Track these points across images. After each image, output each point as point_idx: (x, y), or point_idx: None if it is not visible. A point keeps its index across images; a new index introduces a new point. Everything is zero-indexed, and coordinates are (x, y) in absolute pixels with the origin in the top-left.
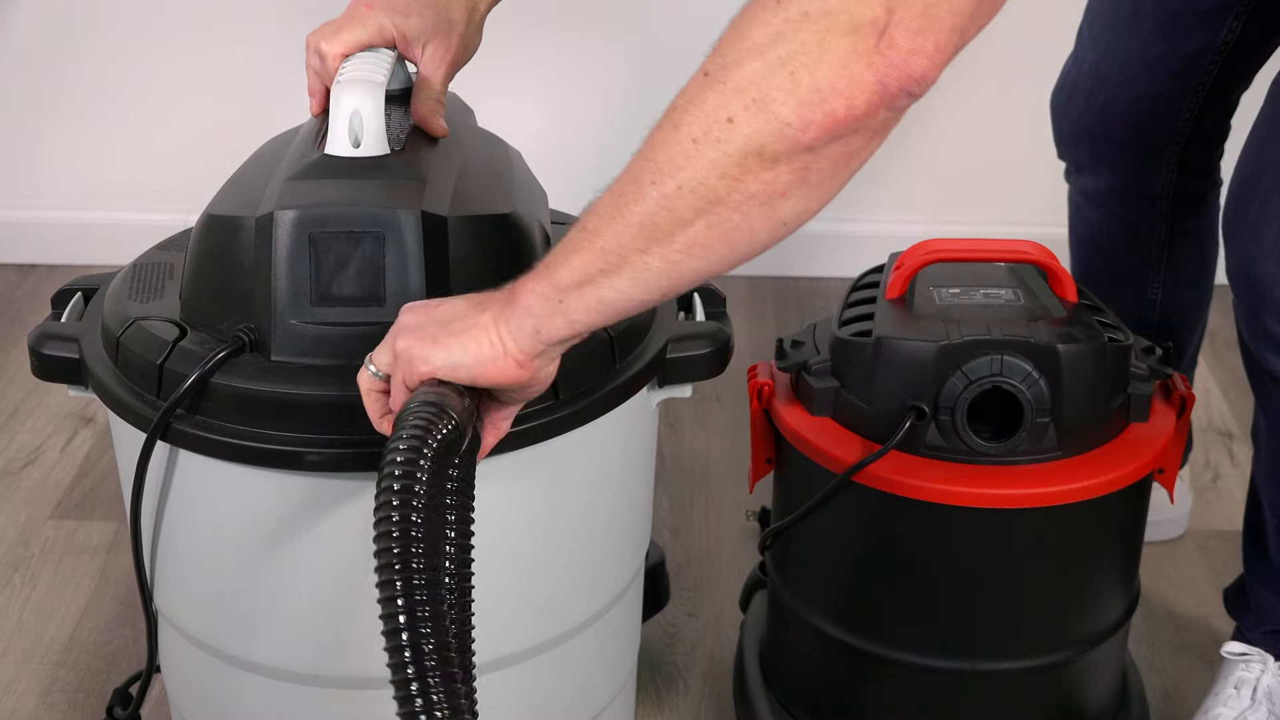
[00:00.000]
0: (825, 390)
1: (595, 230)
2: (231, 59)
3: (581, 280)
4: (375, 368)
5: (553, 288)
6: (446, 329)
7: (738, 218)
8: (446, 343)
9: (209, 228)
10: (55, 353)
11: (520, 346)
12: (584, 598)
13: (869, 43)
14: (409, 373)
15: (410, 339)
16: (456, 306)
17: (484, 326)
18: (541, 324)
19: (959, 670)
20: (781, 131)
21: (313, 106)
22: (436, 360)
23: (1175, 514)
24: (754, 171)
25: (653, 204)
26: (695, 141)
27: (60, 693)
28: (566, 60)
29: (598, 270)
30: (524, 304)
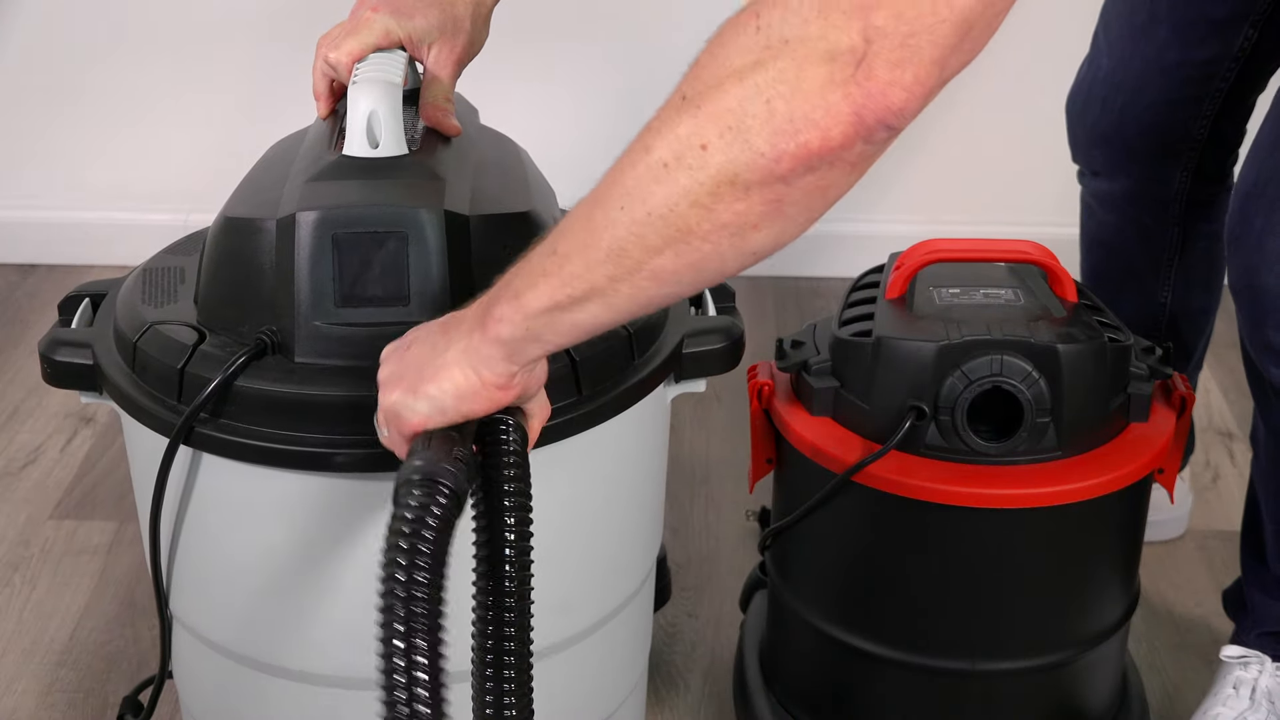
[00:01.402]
0: (825, 390)
1: (565, 255)
2: (231, 60)
3: (551, 306)
4: (382, 428)
5: (521, 315)
6: (420, 375)
7: (708, 247)
8: (425, 390)
9: (227, 230)
10: (68, 359)
11: (495, 373)
12: (601, 596)
13: (846, 72)
14: (401, 427)
15: (392, 392)
16: (422, 346)
17: (455, 362)
18: (513, 350)
19: (959, 670)
20: (755, 161)
21: (319, 110)
22: (422, 409)
23: (1175, 514)
24: (726, 201)
25: (622, 230)
26: (667, 166)
27: (60, 693)
28: (565, 59)
29: (566, 297)
30: (492, 333)
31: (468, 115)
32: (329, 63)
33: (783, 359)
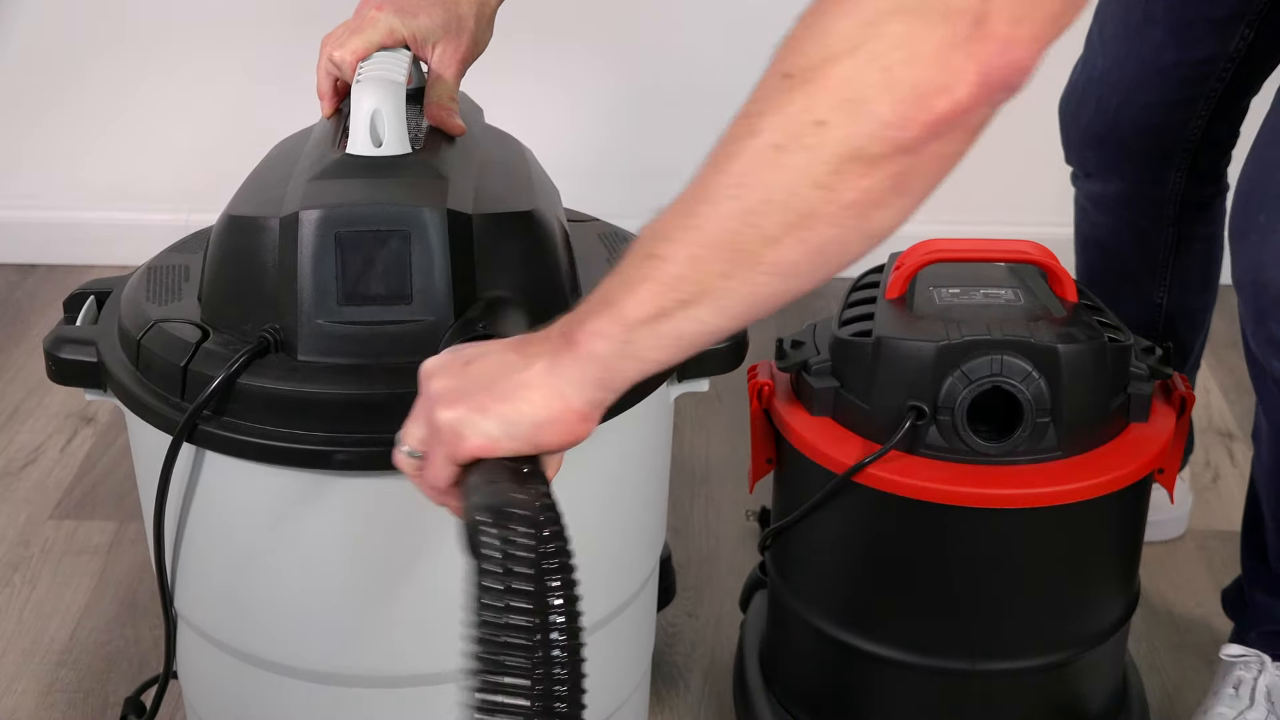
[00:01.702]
0: (825, 390)
1: (665, 256)
2: (232, 60)
3: (655, 314)
4: (410, 447)
5: (620, 326)
6: (491, 391)
7: (832, 232)
8: (497, 409)
9: (230, 229)
10: (72, 356)
11: (584, 399)
12: (605, 594)
13: (965, 31)
14: (456, 449)
15: (452, 408)
16: (493, 361)
17: (536, 383)
18: (608, 369)
19: (959, 670)
20: (880, 133)
21: (324, 109)
22: (490, 431)
23: (1175, 514)
24: (850, 178)
25: (735, 222)
26: (780, 149)
27: (60, 693)
28: (569, 59)
29: (673, 301)
30: (585, 349)
31: (472, 114)
32: (333, 61)
33: (783, 359)
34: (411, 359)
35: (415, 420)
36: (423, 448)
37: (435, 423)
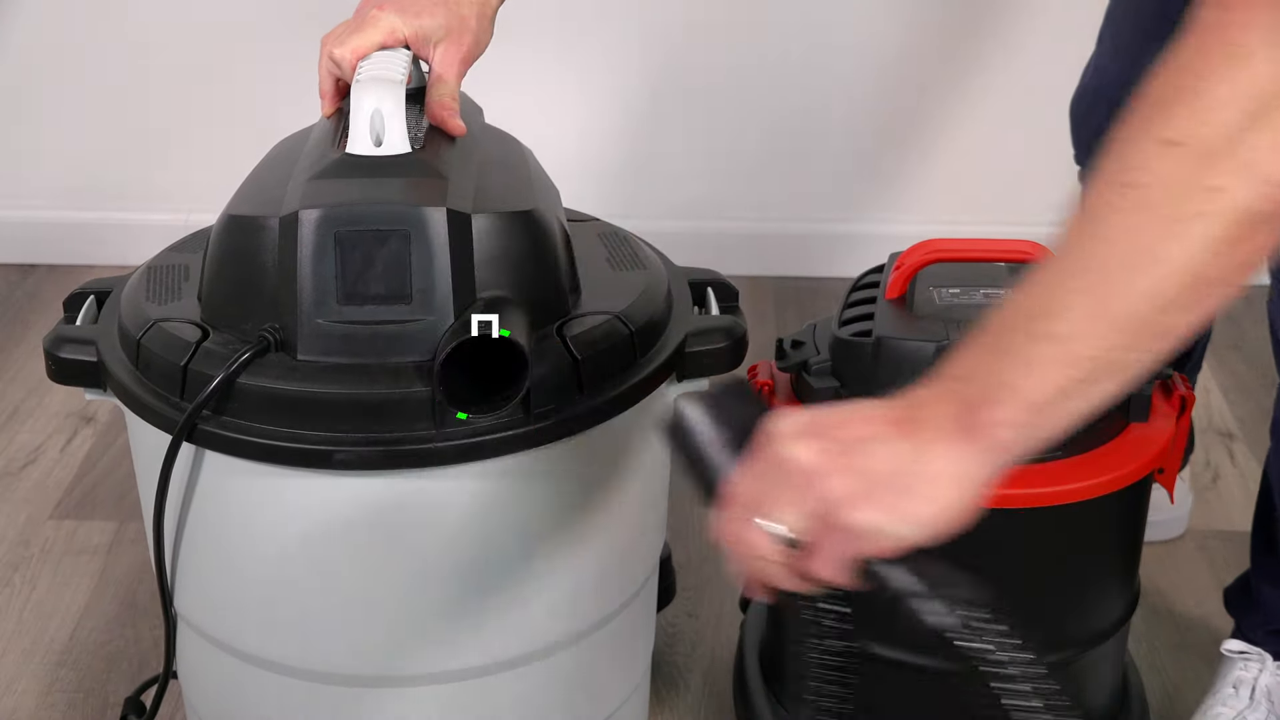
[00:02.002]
0: (825, 390)
1: (1064, 336)
2: (232, 59)
3: (1058, 395)
4: (783, 529)
5: (1026, 413)
6: (892, 489)
7: (1222, 292)
8: (906, 510)
9: (230, 228)
10: (72, 356)
11: (984, 483)
12: (605, 594)
13: None
14: (863, 549)
15: (862, 511)
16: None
17: (941, 478)
18: (1009, 453)
19: (962, 669)
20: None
21: (324, 108)
22: (903, 534)
23: (1175, 514)
24: (1246, 241)
25: (1135, 298)
26: (1175, 219)
27: (60, 693)
28: (570, 59)
29: (1076, 381)
30: (989, 439)
31: (472, 114)
32: (333, 59)
33: (783, 359)
34: (411, 359)
35: (794, 507)
36: (808, 538)
37: (844, 524)
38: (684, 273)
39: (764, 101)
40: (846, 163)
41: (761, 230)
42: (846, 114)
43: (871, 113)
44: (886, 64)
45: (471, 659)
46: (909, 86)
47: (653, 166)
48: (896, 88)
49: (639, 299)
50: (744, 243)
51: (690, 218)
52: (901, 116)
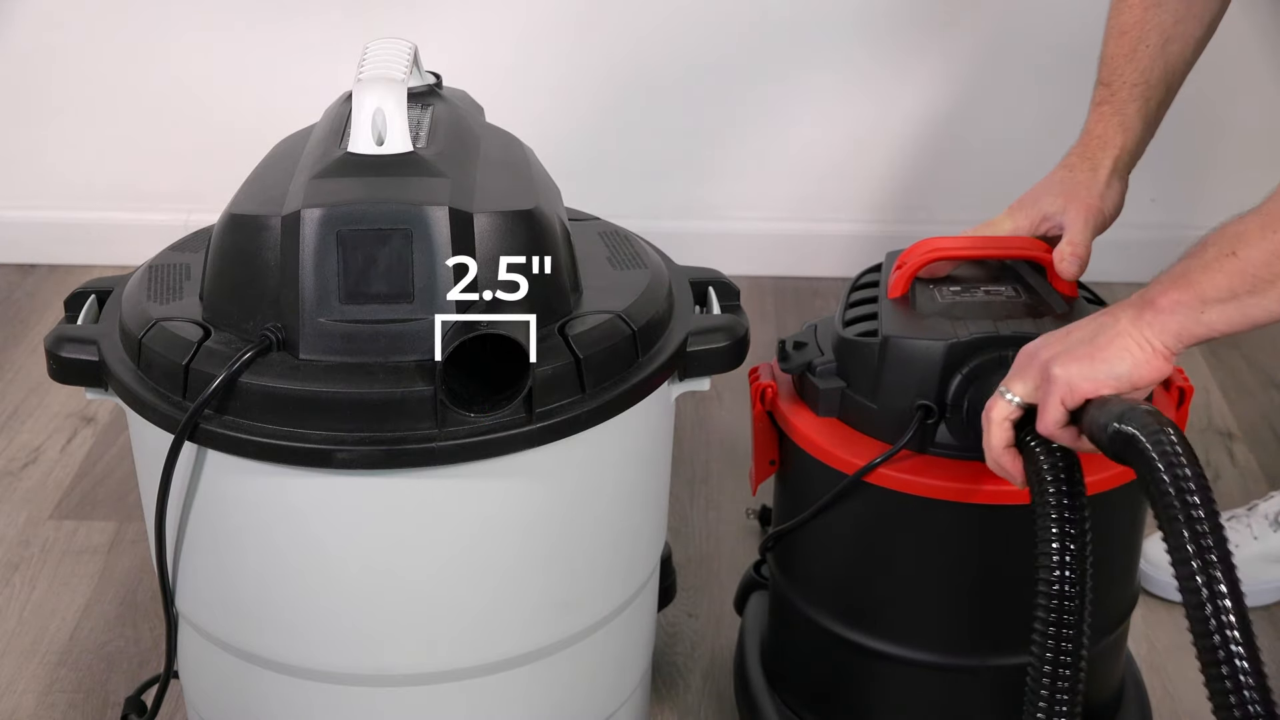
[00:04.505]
0: (831, 391)
1: (1243, 256)
2: (232, 59)
3: (1227, 297)
4: (1015, 396)
5: (1196, 299)
6: (1093, 345)
7: None
8: (1103, 357)
9: (231, 227)
10: (74, 355)
11: (1166, 344)
12: (604, 593)
13: None
14: (1071, 393)
15: (1065, 363)
16: (1086, 329)
17: (1127, 333)
18: (1183, 328)
19: (968, 667)
20: None
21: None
22: (1100, 374)
23: None
24: None
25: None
26: None
27: (60, 693)
28: (571, 58)
29: (1244, 290)
30: (1165, 310)
31: (473, 113)
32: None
33: (785, 360)
34: (413, 358)
35: (1023, 378)
36: (1032, 398)
37: (1051, 376)
38: (685, 272)
39: (764, 101)
40: (847, 163)
41: (761, 230)
42: (846, 114)
43: (871, 113)
44: (886, 64)
45: (470, 659)
46: (909, 86)
47: (652, 166)
48: (896, 87)
49: (640, 298)
50: (744, 243)
51: (690, 218)
52: (901, 116)
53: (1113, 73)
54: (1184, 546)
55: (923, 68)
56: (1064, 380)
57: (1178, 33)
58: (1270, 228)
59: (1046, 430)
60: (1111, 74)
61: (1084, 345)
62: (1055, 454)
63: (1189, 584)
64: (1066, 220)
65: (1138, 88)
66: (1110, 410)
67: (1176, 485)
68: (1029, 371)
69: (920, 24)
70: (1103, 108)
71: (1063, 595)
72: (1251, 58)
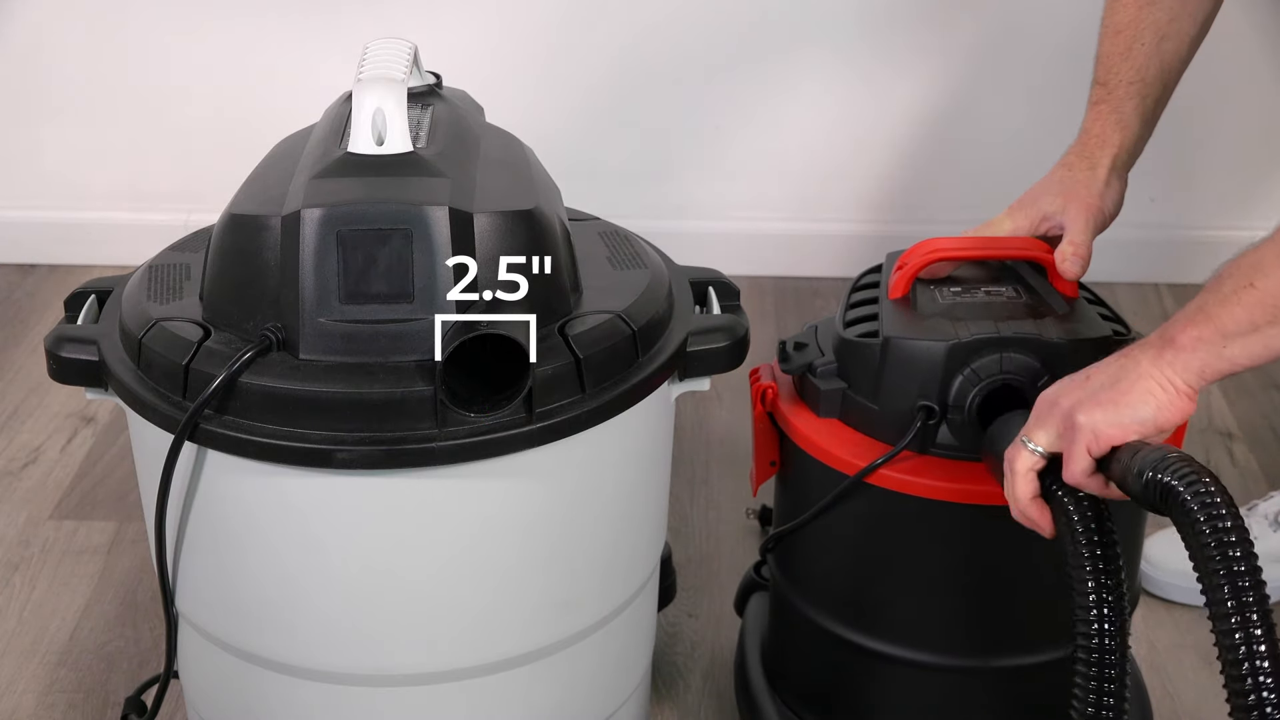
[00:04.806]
0: (833, 392)
1: (1262, 288)
2: (232, 59)
3: (1248, 329)
4: (1038, 446)
5: (1216, 334)
6: (1116, 390)
7: None
8: (1126, 401)
9: (232, 227)
10: (74, 355)
11: (1189, 383)
12: (604, 593)
13: None
14: (1096, 441)
15: (1089, 410)
16: (1108, 369)
17: (1149, 375)
18: (1206, 364)
19: (969, 668)
20: None
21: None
22: (1125, 419)
23: None
24: None
25: None
26: None
27: (60, 693)
28: (572, 58)
29: (1265, 321)
30: (1185, 348)
31: (473, 113)
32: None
33: (786, 361)
34: (413, 358)
35: (1045, 427)
36: (1056, 447)
37: (1076, 424)
38: (685, 272)
39: (764, 101)
40: (846, 163)
41: (761, 230)
42: (846, 113)
43: (871, 113)
44: (886, 64)
45: (471, 659)
46: (909, 86)
47: (653, 167)
48: (897, 87)
49: (640, 298)
50: (744, 243)
51: (690, 218)
52: (902, 116)
53: (1109, 71)
54: (1225, 602)
55: (923, 67)
56: (1089, 428)
57: (1172, 30)
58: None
59: (1074, 480)
60: (1108, 73)
61: (1106, 390)
62: (1084, 504)
63: (1228, 640)
64: (1067, 220)
65: (1134, 86)
66: (1144, 459)
67: (1218, 539)
68: (1051, 420)
69: (921, 24)
70: (1100, 107)
71: (1103, 650)
72: (1251, 57)
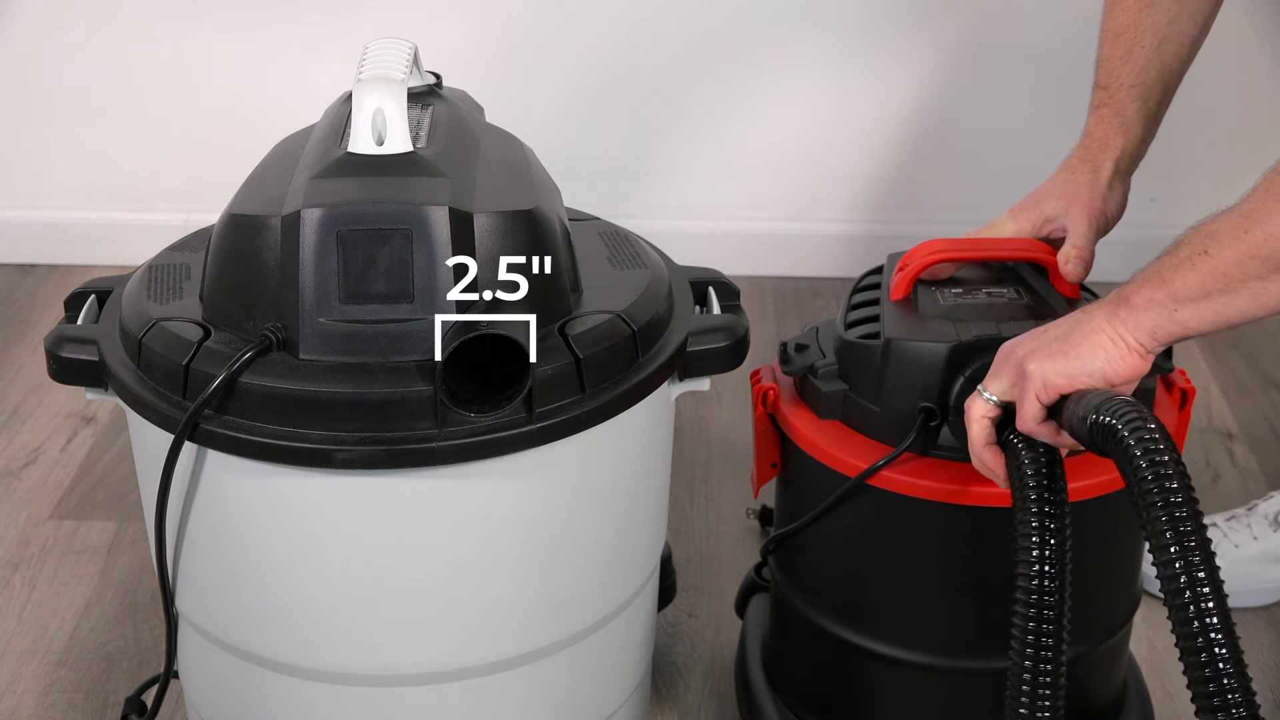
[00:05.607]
0: (834, 393)
1: (1216, 256)
2: (232, 59)
3: (1199, 295)
4: (992, 395)
5: (1169, 297)
6: (1067, 341)
7: None
8: (1076, 353)
9: (232, 227)
10: (74, 355)
11: (1140, 341)
12: (604, 593)
13: None
14: (1045, 389)
15: (1039, 360)
16: (1061, 326)
17: (1101, 330)
18: (1157, 325)
19: (970, 669)
20: None
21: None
22: (1073, 369)
23: None
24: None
25: (1275, 240)
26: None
27: (60, 693)
28: (571, 58)
29: (1216, 289)
30: (1139, 307)
31: (473, 113)
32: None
33: (787, 363)
34: (413, 358)
35: (999, 377)
36: (1009, 396)
37: (1026, 372)
38: (685, 272)
39: (765, 101)
40: (847, 163)
41: (761, 230)
42: (847, 113)
43: (871, 113)
44: (887, 64)
45: (471, 659)
46: (910, 86)
47: (653, 166)
48: (897, 88)
49: (640, 298)
50: (744, 243)
51: (690, 218)
52: (902, 116)
53: (1110, 75)
54: (1163, 533)
55: (924, 67)
56: (1038, 376)
57: (1172, 32)
58: (1242, 228)
59: (1025, 426)
60: (1109, 76)
61: (1058, 342)
62: (1037, 450)
63: (1168, 571)
64: (1069, 223)
65: (1135, 89)
66: (1088, 402)
67: (1155, 473)
68: (1005, 369)
69: (922, 23)
70: (1102, 110)
71: (1042, 591)
72: (1252, 58)
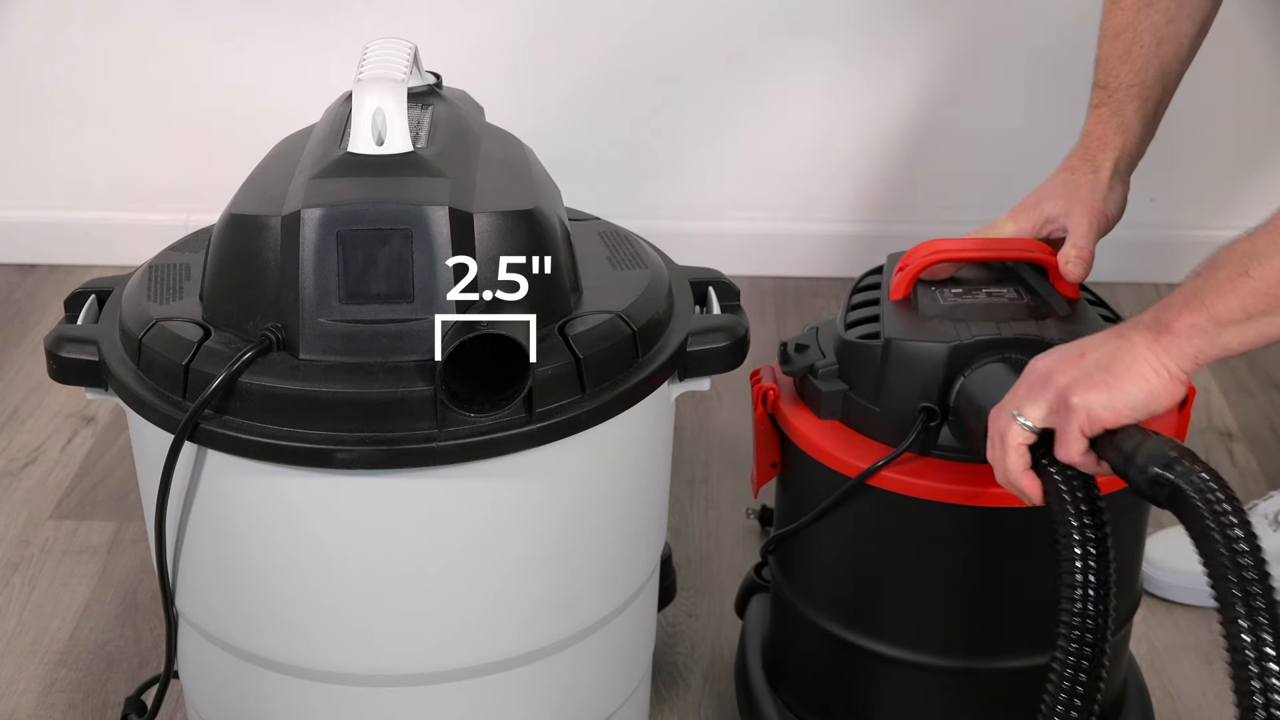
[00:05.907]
0: (834, 393)
1: (1258, 276)
2: (232, 59)
3: (1242, 318)
4: (1029, 421)
5: (1211, 321)
6: (1111, 372)
7: None
8: (1120, 385)
9: (232, 227)
10: (74, 355)
11: (1182, 368)
12: (604, 594)
13: None
14: (1090, 423)
15: (1083, 392)
16: (1103, 350)
17: (1144, 360)
18: (1200, 351)
19: (970, 669)
20: None
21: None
22: (1118, 403)
23: None
24: None
25: None
26: None
27: (60, 693)
28: (571, 58)
29: (1259, 310)
30: (1181, 334)
31: (473, 113)
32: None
33: (787, 363)
34: (413, 358)
35: (1037, 402)
36: (1047, 423)
37: (1070, 404)
38: (685, 272)
39: (764, 101)
40: (846, 163)
41: (761, 230)
42: (847, 113)
43: (871, 113)
44: (887, 63)
45: (471, 659)
46: (910, 86)
47: (652, 166)
48: (897, 87)
49: (640, 298)
50: (744, 243)
51: (690, 218)
52: (902, 116)
53: (1109, 75)
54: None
55: (924, 67)
56: (1083, 410)
57: (1171, 32)
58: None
59: (1068, 458)
60: (1108, 76)
61: (1102, 373)
62: (1073, 480)
63: (1236, 642)
64: (1070, 223)
65: (1134, 89)
66: (1147, 452)
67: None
68: (1044, 396)
69: (922, 23)
70: (1101, 110)
71: (1085, 615)
72: (1252, 58)
